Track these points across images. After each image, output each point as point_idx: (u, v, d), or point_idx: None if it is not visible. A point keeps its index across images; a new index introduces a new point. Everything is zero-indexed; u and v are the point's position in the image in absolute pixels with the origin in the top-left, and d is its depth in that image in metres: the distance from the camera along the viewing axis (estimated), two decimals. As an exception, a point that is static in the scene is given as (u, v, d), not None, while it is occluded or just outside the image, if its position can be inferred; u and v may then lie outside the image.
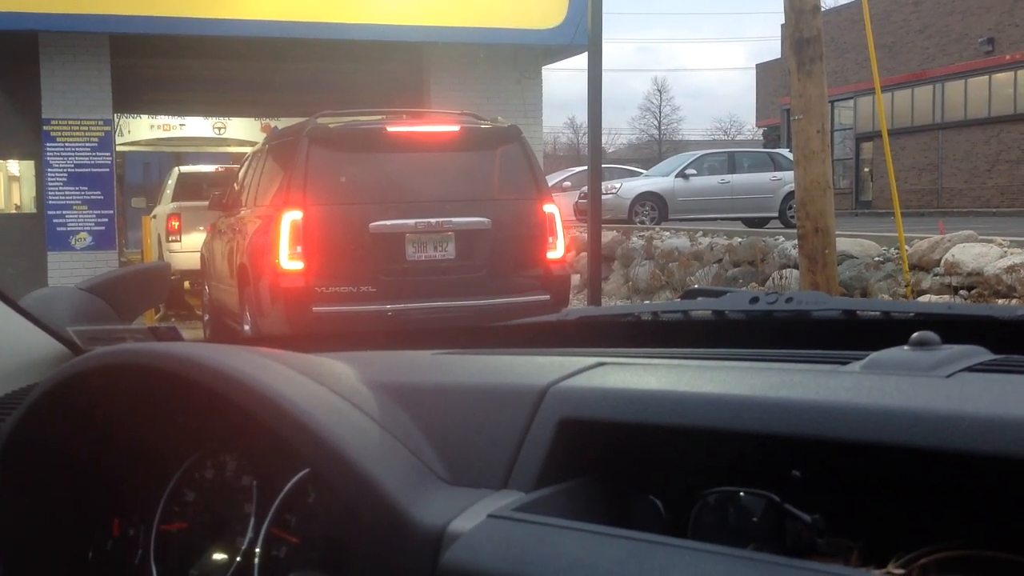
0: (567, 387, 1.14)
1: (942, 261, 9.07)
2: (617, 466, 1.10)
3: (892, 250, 9.92)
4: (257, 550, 1.32)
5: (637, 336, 1.60)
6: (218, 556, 1.37)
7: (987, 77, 28.51)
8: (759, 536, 0.95)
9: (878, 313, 1.44)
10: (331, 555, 1.23)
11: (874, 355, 1.07)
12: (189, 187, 14.70)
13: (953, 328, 1.19)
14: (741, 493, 0.97)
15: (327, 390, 1.22)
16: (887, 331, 1.34)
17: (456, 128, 8.23)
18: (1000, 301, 8.10)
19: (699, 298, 1.55)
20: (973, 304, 6.69)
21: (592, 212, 10.27)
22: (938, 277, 9.07)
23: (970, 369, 1.02)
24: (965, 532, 0.92)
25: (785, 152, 21.15)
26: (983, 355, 1.07)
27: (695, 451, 1.04)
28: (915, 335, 1.07)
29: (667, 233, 14.38)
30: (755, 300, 1.44)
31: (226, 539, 1.37)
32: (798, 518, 0.93)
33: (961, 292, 8.75)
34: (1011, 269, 8.07)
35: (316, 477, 1.27)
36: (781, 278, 11.14)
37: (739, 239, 12.47)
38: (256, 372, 1.21)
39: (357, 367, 1.33)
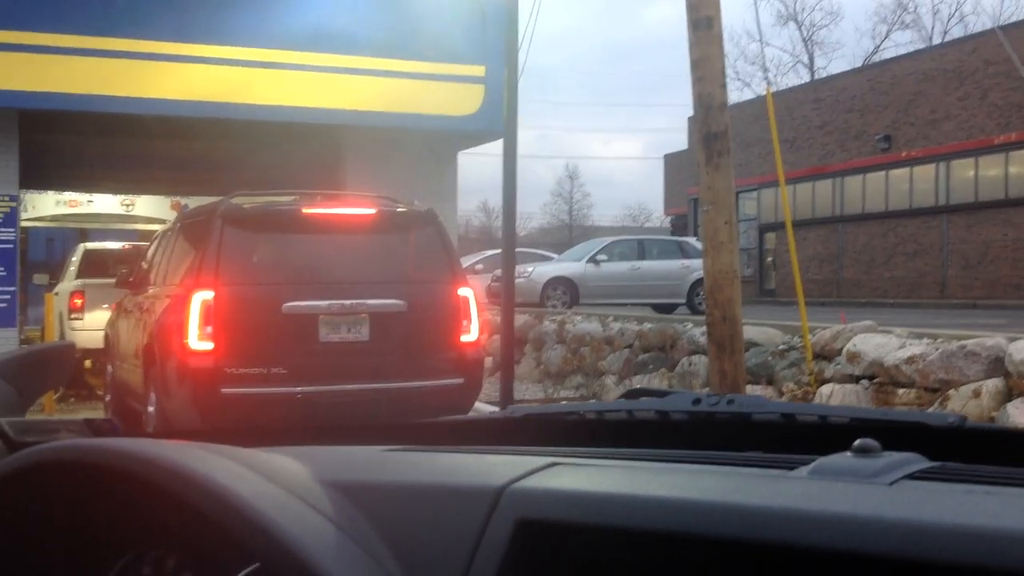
0: (523, 487, 1.16)
1: (844, 350, 9.29)
2: (573, 567, 1.12)
3: (796, 339, 10.15)
4: None
5: (582, 435, 1.62)
6: None
7: (884, 173, 29.70)
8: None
9: (815, 417, 1.49)
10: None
11: (820, 461, 1.11)
12: (94, 264, 14.53)
13: (888, 434, 1.24)
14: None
15: (279, 488, 1.22)
16: (825, 435, 1.39)
17: (372, 211, 8.26)
18: (901, 391, 8.33)
19: (642, 398, 1.58)
20: (905, 411, 6.86)
21: (506, 295, 10.35)
22: (840, 366, 9.29)
23: (911, 476, 1.07)
24: None
25: (693, 240, 21.62)
26: (921, 462, 1.12)
27: (651, 553, 1.06)
28: (857, 442, 1.12)
29: (579, 318, 14.54)
30: (697, 401, 1.48)
31: None
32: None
33: (863, 381, 8.96)
34: (911, 360, 8.31)
35: (265, 573, 1.25)
36: (690, 364, 11.31)
37: (649, 325, 12.67)
38: (207, 470, 1.21)
39: (306, 464, 1.33)
